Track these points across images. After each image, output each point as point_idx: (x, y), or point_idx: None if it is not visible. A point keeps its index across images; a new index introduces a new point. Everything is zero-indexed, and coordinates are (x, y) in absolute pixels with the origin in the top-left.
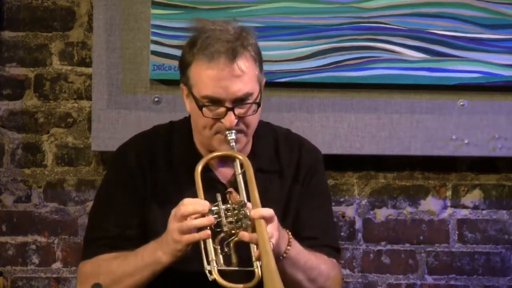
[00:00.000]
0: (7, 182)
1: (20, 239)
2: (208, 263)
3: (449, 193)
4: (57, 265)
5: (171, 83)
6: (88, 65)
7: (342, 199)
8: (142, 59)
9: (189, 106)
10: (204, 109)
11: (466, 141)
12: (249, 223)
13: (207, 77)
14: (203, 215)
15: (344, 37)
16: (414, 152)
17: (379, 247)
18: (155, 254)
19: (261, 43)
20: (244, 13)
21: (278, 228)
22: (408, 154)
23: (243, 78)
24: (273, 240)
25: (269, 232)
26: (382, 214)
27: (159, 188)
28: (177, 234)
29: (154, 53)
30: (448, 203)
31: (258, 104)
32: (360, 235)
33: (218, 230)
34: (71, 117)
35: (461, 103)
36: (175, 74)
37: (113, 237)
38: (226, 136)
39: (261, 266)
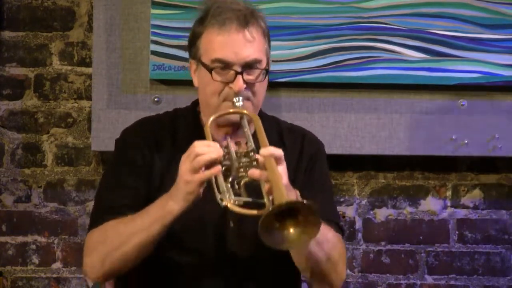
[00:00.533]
0: (7, 182)
1: (20, 239)
2: (220, 193)
3: (449, 193)
4: (57, 265)
5: (171, 83)
6: (88, 65)
7: (342, 199)
8: (142, 59)
9: (198, 79)
10: (213, 72)
11: (466, 141)
12: (259, 164)
13: (218, 42)
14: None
15: (344, 37)
16: (414, 152)
17: (379, 247)
18: (166, 205)
19: None
20: None
21: (287, 175)
22: (408, 154)
23: (253, 44)
24: (284, 181)
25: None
26: (382, 214)
27: (164, 169)
28: (189, 174)
29: (154, 53)
30: (448, 203)
31: (266, 72)
32: (360, 235)
33: (228, 173)
34: (71, 117)
35: (461, 103)
36: (175, 74)
37: (119, 206)
38: (233, 103)
39: (272, 199)
